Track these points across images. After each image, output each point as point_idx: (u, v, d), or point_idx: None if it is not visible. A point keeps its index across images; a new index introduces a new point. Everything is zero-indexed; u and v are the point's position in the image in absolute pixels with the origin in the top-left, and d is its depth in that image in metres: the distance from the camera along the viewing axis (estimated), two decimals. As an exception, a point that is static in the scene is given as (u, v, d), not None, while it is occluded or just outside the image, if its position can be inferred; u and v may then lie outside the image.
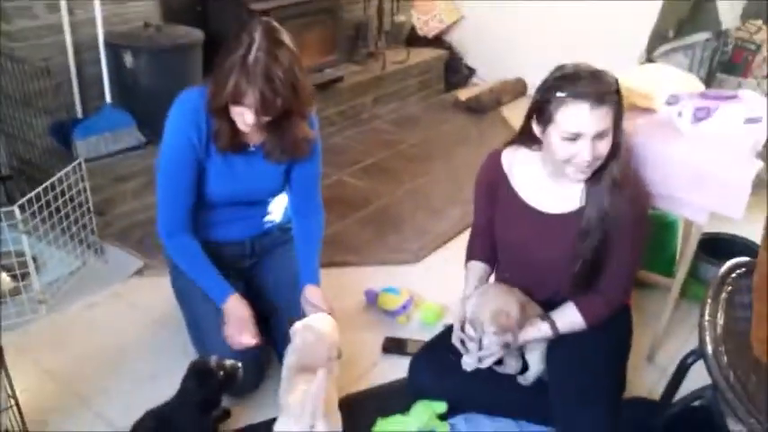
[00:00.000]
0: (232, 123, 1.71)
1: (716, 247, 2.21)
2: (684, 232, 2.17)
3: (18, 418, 1.59)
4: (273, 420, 1.63)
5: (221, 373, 1.58)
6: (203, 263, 1.81)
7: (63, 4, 2.50)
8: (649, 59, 2.87)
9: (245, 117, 1.65)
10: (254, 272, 1.99)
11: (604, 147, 1.49)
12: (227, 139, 1.74)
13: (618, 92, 1.48)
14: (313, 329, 1.65)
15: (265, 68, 1.58)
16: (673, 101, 1.82)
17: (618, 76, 1.94)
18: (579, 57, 3.82)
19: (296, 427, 1.47)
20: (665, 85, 1.90)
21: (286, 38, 1.64)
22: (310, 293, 1.83)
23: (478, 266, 1.79)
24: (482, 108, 4.00)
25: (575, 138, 1.46)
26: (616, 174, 1.53)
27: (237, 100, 1.62)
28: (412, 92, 4.10)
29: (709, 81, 2.80)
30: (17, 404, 1.57)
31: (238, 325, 1.74)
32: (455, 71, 4.39)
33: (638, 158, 1.74)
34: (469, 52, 4.47)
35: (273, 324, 1.88)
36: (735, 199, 1.66)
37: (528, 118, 1.57)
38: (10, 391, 1.54)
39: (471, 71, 4.48)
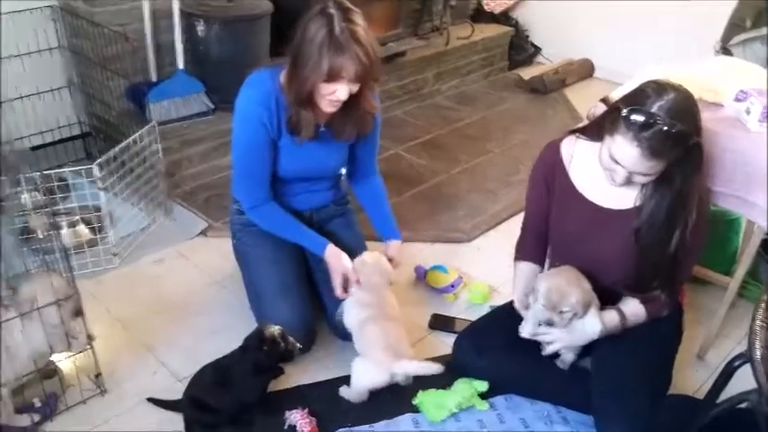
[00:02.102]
0: (312, 106, 1.75)
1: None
2: (747, 231, 2.13)
3: (93, 359, 1.74)
4: (321, 383, 1.74)
5: (282, 344, 1.67)
6: (294, 223, 1.92)
7: (143, -29, 2.60)
8: (725, 48, 2.78)
9: (337, 93, 1.69)
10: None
11: (643, 180, 1.50)
12: (312, 128, 1.79)
13: (686, 143, 1.42)
14: (366, 262, 1.85)
15: (355, 36, 1.63)
16: (742, 97, 1.77)
17: (686, 68, 1.92)
18: (650, 42, 3.75)
19: (377, 374, 1.70)
20: (734, 79, 1.85)
21: (356, 11, 1.69)
22: (391, 248, 1.98)
23: (527, 268, 1.79)
24: (545, 88, 3.95)
25: (617, 162, 1.47)
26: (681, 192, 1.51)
27: (335, 75, 1.65)
28: (475, 69, 4.08)
29: (786, 75, 2.70)
30: (92, 347, 1.71)
31: (340, 267, 1.86)
32: (520, 49, 4.33)
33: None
34: (535, 30, 4.40)
35: (325, 291, 1.97)
36: (799, 203, 1.63)
37: (607, 113, 1.55)
38: (86, 334, 1.69)
39: (537, 50, 4.42)
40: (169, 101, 2.70)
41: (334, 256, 1.88)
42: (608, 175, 1.54)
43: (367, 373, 1.73)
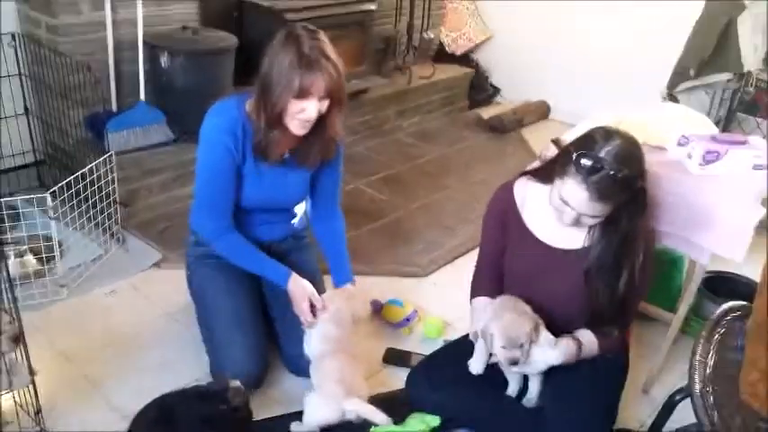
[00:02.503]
0: (282, 131, 1.77)
1: (719, 284, 2.24)
2: (689, 269, 2.20)
3: (32, 395, 1.68)
4: (273, 418, 1.72)
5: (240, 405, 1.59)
6: (257, 253, 1.90)
7: (107, 3, 2.61)
8: (671, 94, 2.92)
9: (307, 111, 1.70)
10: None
11: (591, 221, 1.55)
12: (272, 146, 1.79)
13: (641, 192, 1.50)
14: (336, 295, 1.88)
15: (323, 52, 1.68)
16: (684, 142, 1.86)
17: (633, 112, 2.01)
18: (604, 86, 3.89)
19: (328, 411, 1.68)
20: (677, 125, 1.94)
21: (321, 32, 1.74)
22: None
23: (483, 303, 1.79)
24: (503, 128, 4.05)
25: (566, 203, 1.53)
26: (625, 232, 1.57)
27: (305, 92, 1.67)
28: (436, 107, 4.16)
29: (729, 120, 2.84)
30: (33, 382, 1.66)
31: (302, 300, 1.84)
32: (480, 89, 4.44)
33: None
34: (495, 71, 4.53)
35: (281, 327, 1.96)
36: (737, 242, 1.70)
37: (557, 157, 1.61)
38: (28, 369, 1.63)
39: (496, 90, 4.54)
40: (129, 131, 2.69)
41: (298, 285, 1.87)
42: (557, 215, 1.58)
43: (319, 408, 1.71)
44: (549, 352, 1.61)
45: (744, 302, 1.53)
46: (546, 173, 1.65)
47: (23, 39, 2.61)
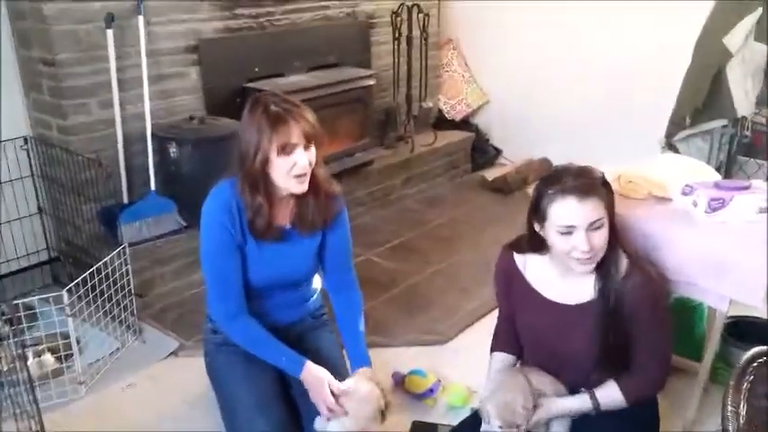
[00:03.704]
0: (269, 199, 1.78)
1: (743, 329, 2.21)
2: (710, 316, 2.18)
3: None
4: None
5: None
6: (271, 340, 1.86)
7: (116, 101, 2.71)
8: (669, 144, 2.96)
9: (298, 163, 1.71)
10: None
11: (601, 236, 1.55)
12: (265, 220, 1.79)
13: (605, 184, 1.58)
14: (356, 390, 1.77)
15: (289, 102, 1.72)
16: (687, 191, 1.88)
17: (635, 165, 2.04)
18: (602, 140, 3.95)
19: None
20: (679, 174, 1.96)
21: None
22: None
23: (501, 358, 1.82)
24: (508, 188, 4.09)
25: (569, 231, 1.54)
26: (617, 261, 1.59)
27: (285, 144, 1.69)
28: (440, 173, 4.23)
29: (730, 164, 2.86)
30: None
31: (320, 390, 1.78)
32: (482, 152, 4.51)
33: (655, 246, 1.79)
34: (495, 134, 4.61)
35: (303, 406, 1.93)
36: (754, 287, 1.69)
37: (529, 219, 1.65)
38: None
39: (498, 152, 4.61)
40: (141, 221, 2.74)
41: (313, 375, 1.81)
42: (574, 261, 1.57)
43: None
44: (554, 404, 1.64)
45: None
46: (532, 243, 1.67)
47: (35, 141, 2.70)
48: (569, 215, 1.53)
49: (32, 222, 2.76)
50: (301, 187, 1.77)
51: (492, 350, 1.86)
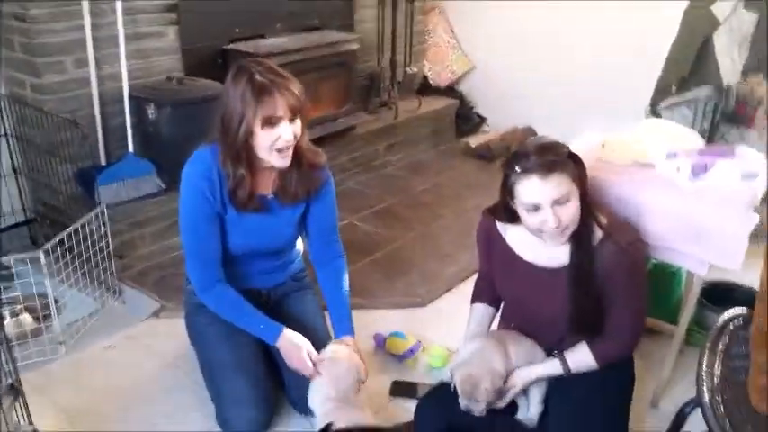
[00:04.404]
0: (251, 170, 1.76)
1: (719, 294, 2.24)
2: (687, 280, 2.21)
3: (36, 456, 1.64)
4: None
5: None
6: (247, 308, 1.84)
7: (91, 60, 2.64)
8: (654, 112, 2.96)
9: (282, 137, 1.68)
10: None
11: (568, 211, 1.55)
12: (246, 191, 1.76)
13: (572, 157, 1.57)
14: (335, 359, 1.78)
15: (275, 72, 1.68)
16: (671, 157, 1.88)
17: (620, 132, 2.04)
18: (587, 107, 3.94)
19: None
20: (663, 141, 1.97)
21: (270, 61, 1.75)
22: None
23: (481, 309, 1.86)
24: (492, 155, 4.08)
25: (536, 208, 1.55)
26: (590, 229, 1.60)
27: (271, 118, 1.65)
28: (423, 139, 4.20)
29: (712, 132, 2.88)
30: (36, 441, 1.63)
31: (300, 354, 1.78)
32: (466, 119, 4.49)
33: (638, 211, 1.80)
34: (480, 101, 4.58)
35: (285, 369, 1.93)
36: (733, 252, 1.71)
37: (501, 195, 1.65)
38: (30, 429, 1.60)
39: (482, 119, 4.59)
40: (119, 183, 2.69)
41: (289, 342, 1.81)
42: (544, 234, 1.59)
43: None
44: (523, 372, 1.67)
45: (745, 309, 1.53)
46: (507, 215, 1.68)
47: (8, 100, 2.63)
48: (533, 193, 1.54)
49: (7, 183, 2.70)
50: (284, 162, 1.74)
51: (472, 301, 1.89)
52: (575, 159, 1.58)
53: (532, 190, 1.54)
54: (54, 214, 2.72)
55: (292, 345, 1.80)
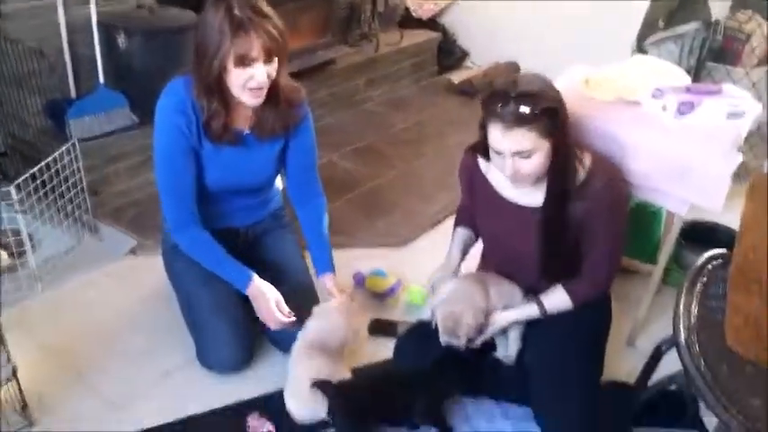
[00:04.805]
0: (225, 104, 1.70)
1: (698, 234, 2.27)
2: (667, 221, 2.22)
3: (17, 391, 1.64)
4: (269, 395, 1.73)
5: None
6: (219, 253, 1.80)
7: (57, -16, 2.49)
8: (640, 48, 2.91)
9: (256, 78, 1.61)
10: (245, 259, 1.96)
11: (528, 165, 1.53)
12: (221, 123, 1.71)
13: (549, 111, 1.49)
14: (331, 317, 1.79)
15: (256, 9, 1.59)
16: (657, 94, 1.85)
17: (605, 68, 2.00)
18: (573, 42, 3.87)
19: (302, 413, 1.66)
20: (650, 78, 1.93)
21: None
22: (326, 283, 1.90)
23: (465, 232, 1.87)
24: (474, 91, 4.02)
25: (498, 153, 1.54)
26: (572, 169, 1.58)
27: (245, 57, 1.58)
28: (405, 74, 4.11)
29: (699, 69, 2.84)
30: (16, 378, 1.62)
31: (269, 305, 1.77)
32: (448, 53, 4.39)
33: (621, 150, 1.78)
34: (463, 35, 4.47)
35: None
36: (715, 192, 1.71)
37: (480, 130, 1.61)
38: (9, 365, 1.60)
39: (464, 54, 4.49)
40: (91, 117, 2.59)
41: (260, 293, 1.78)
42: (507, 176, 1.58)
43: (294, 408, 1.69)
44: (499, 316, 1.68)
45: (724, 250, 1.54)
46: (485, 151, 1.64)
47: (-28, 27, 2.49)
48: (496, 140, 1.52)
49: (-26, 115, 2.60)
50: (255, 101, 1.68)
51: (455, 226, 1.90)
52: (551, 113, 1.50)
53: (495, 137, 1.52)
54: (24, 148, 2.63)
55: (261, 294, 1.78)
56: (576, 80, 1.99)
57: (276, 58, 1.65)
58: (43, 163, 2.16)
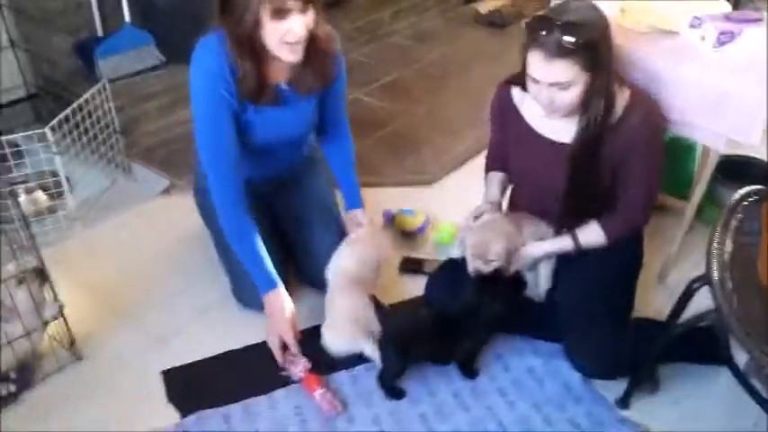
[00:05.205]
0: (258, 62, 1.62)
1: (734, 169, 2.21)
2: (702, 156, 2.18)
3: (65, 327, 1.72)
4: (306, 330, 1.78)
5: None
6: (255, 248, 1.73)
7: None
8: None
9: (293, 30, 1.54)
10: (277, 198, 2.01)
11: (565, 98, 1.50)
12: (254, 82, 1.63)
13: (592, 46, 1.45)
14: (362, 245, 1.83)
15: None
16: (696, 24, 1.78)
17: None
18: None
19: (338, 347, 1.71)
20: (688, 6, 1.85)
21: None
22: (356, 215, 1.93)
23: (498, 175, 1.86)
24: (503, 22, 3.91)
25: (535, 81, 1.50)
26: (610, 103, 1.55)
27: (279, 8, 1.50)
28: (431, 5, 4.00)
29: (739, -3, 2.71)
30: (63, 315, 1.70)
31: (281, 320, 1.71)
32: (476, -19, 4.25)
33: (657, 83, 1.73)
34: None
35: (297, 246, 1.97)
36: (753, 125, 1.66)
37: (521, 56, 1.56)
38: (56, 304, 1.67)
39: (493, -20, 4.33)
40: (119, 56, 2.60)
41: (277, 301, 1.71)
42: (541, 105, 1.56)
43: (330, 344, 1.73)
44: (532, 247, 1.70)
45: (760, 186, 1.52)
46: (524, 76, 1.60)
47: (-3, -34, 2.48)
48: (535, 68, 1.49)
49: (5, 56, 2.61)
50: (294, 56, 1.60)
51: (486, 171, 1.89)
52: (595, 46, 1.46)
53: (535, 65, 1.49)
54: (56, 89, 2.66)
55: (280, 305, 1.72)
56: (611, 9, 1.92)
57: (312, 7, 1.58)
58: (75, 104, 2.18)
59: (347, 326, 1.71)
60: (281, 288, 1.75)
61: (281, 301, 1.73)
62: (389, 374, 1.68)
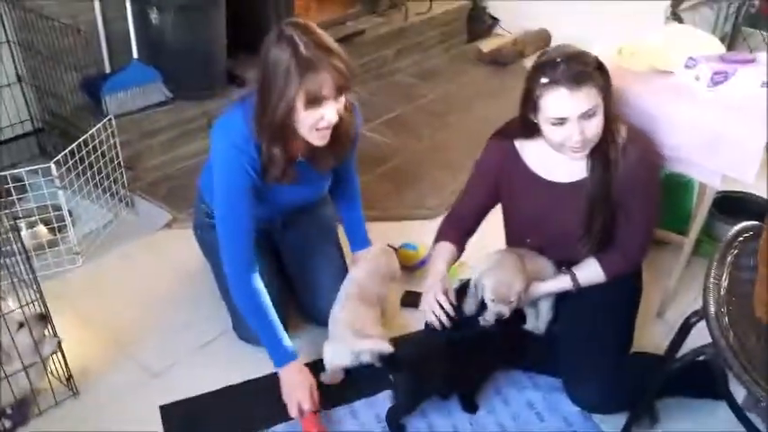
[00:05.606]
0: (286, 145, 1.64)
1: (730, 205, 2.24)
2: (699, 191, 2.19)
3: (62, 362, 1.72)
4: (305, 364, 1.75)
5: None
6: (269, 319, 1.70)
7: (89, -39, 2.53)
8: (675, 13, 2.84)
9: (326, 117, 1.55)
10: (280, 231, 2.02)
11: (594, 125, 1.52)
12: (281, 168, 1.64)
13: (600, 68, 1.51)
14: (372, 261, 1.90)
15: (323, 46, 1.51)
16: (691, 64, 1.82)
17: (638, 37, 1.96)
18: (605, 8, 3.77)
19: (340, 355, 1.73)
20: (684, 47, 1.89)
21: (312, 24, 1.57)
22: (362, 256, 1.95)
23: (448, 247, 1.79)
24: (504, 60, 3.97)
25: (561, 122, 1.50)
26: (612, 150, 1.57)
27: (316, 98, 1.51)
28: (434, 44, 4.07)
29: (734, 35, 2.77)
30: (61, 350, 1.70)
31: (297, 392, 1.65)
32: (478, 21, 4.32)
33: (653, 121, 1.76)
34: (493, 2, 4.39)
35: (299, 281, 1.98)
36: (748, 163, 1.68)
37: (522, 108, 1.59)
38: (54, 339, 1.67)
39: (494, 21, 4.42)
40: (125, 92, 2.65)
41: (297, 374, 1.68)
42: (567, 149, 1.56)
43: (332, 354, 1.75)
44: (534, 287, 1.69)
45: (756, 222, 1.53)
46: (525, 129, 1.62)
47: (7, 5, 2.54)
48: (562, 106, 1.49)
49: (12, 92, 2.66)
50: (323, 141, 1.62)
51: (436, 240, 1.82)
52: (602, 69, 1.52)
53: (560, 103, 1.48)
54: (62, 124, 2.70)
55: (299, 381, 1.67)
56: (609, 50, 1.96)
57: (344, 94, 1.58)
58: (81, 139, 2.22)
59: (348, 336, 1.72)
60: (296, 362, 1.70)
61: (300, 373, 1.69)
62: (403, 409, 1.67)
